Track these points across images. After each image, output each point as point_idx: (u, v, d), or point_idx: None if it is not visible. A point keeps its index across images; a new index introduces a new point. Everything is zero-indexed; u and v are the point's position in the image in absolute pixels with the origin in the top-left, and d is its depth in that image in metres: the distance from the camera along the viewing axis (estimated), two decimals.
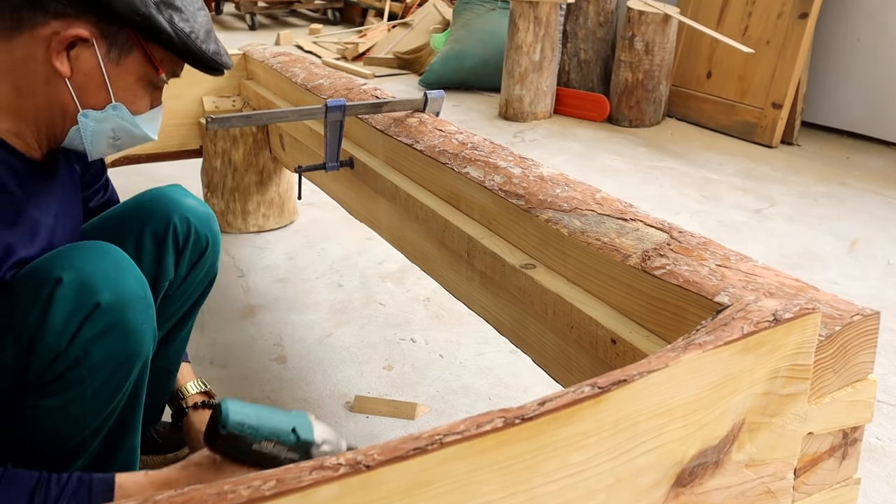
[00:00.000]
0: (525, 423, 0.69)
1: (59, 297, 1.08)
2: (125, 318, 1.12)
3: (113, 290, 1.11)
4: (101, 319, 1.10)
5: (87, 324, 1.09)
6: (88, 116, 1.18)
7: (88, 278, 1.10)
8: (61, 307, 1.08)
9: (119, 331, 1.12)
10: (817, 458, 0.94)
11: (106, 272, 1.12)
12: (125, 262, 1.16)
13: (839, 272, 2.71)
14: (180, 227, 1.44)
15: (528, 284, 1.30)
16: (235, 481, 0.62)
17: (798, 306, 0.86)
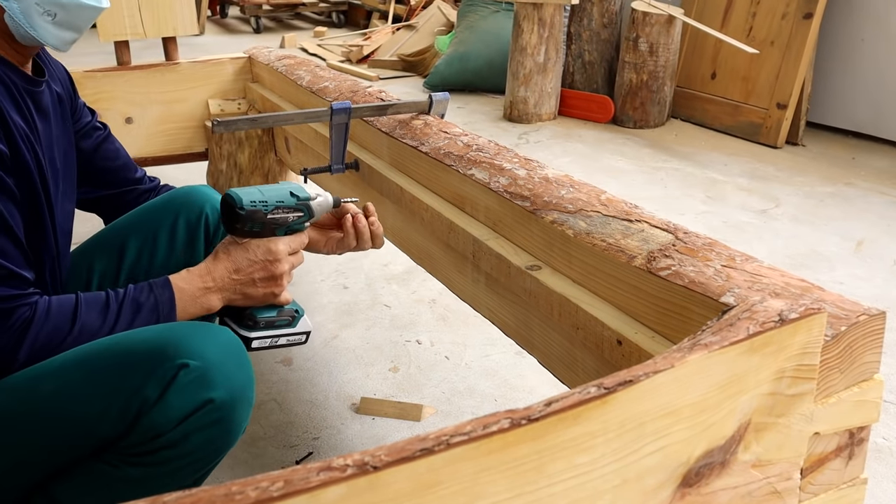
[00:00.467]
0: (531, 423, 0.69)
1: (179, 383, 1.09)
2: (231, 416, 1.13)
3: (228, 388, 1.11)
4: (211, 414, 1.11)
5: (197, 415, 1.10)
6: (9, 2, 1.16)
7: (210, 372, 1.10)
8: (179, 393, 1.09)
9: (222, 426, 1.13)
10: (824, 458, 0.94)
11: (226, 368, 1.12)
12: (244, 358, 1.17)
13: (845, 272, 2.71)
14: (212, 217, 1.49)
15: (533, 286, 1.30)
16: (243, 482, 0.62)
17: (804, 306, 0.86)
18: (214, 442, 1.13)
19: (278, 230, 1.32)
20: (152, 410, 1.08)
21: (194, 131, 2.75)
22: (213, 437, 1.12)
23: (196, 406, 1.09)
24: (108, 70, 2.59)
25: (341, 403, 1.94)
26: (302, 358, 2.13)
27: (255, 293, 1.30)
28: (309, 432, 1.83)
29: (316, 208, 1.37)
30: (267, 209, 1.29)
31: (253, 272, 1.28)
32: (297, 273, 2.61)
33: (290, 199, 1.32)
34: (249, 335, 1.33)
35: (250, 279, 1.28)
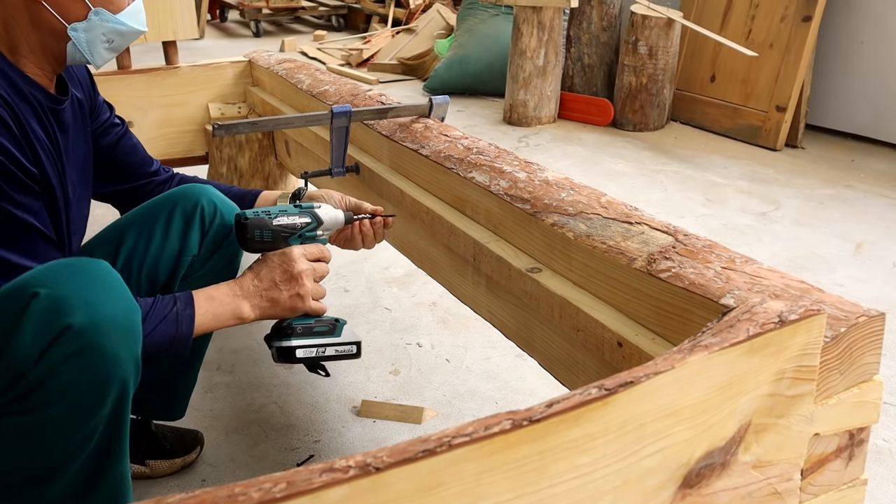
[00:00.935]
0: (533, 424, 0.69)
1: (31, 312, 1.04)
2: (97, 340, 1.06)
3: (88, 313, 1.06)
4: (72, 342, 1.05)
5: (56, 345, 1.04)
6: (78, 29, 1.27)
7: (64, 298, 1.05)
8: (32, 323, 1.04)
9: (90, 355, 1.06)
10: (824, 458, 0.94)
11: (85, 293, 1.07)
12: (113, 284, 1.12)
13: (845, 274, 2.71)
14: (207, 209, 1.53)
15: (534, 288, 1.30)
16: (246, 484, 0.63)
17: (803, 308, 0.86)
18: (88, 377, 1.07)
19: (291, 239, 1.39)
20: (10, 346, 1.04)
21: (195, 135, 2.76)
22: (85, 371, 1.06)
23: (53, 335, 1.04)
24: (108, 74, 2.59)
25: (342, 406, 1.94)
26: None
27: (281, 297, 1.34)
28: (310, 435, 1.83)
29: (324, 216, 1.43)
30: (271, 216, 1.38)
31: (273, 276, 1.34)
32: None
33: (293, 208, 1.41)
34: (291, 344, 1.37)
35: (272, 283, 1.34)
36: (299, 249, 1.38)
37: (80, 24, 1.27)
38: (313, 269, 1.38)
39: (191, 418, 1.87)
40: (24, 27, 1.24)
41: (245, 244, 1.39)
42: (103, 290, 1.09)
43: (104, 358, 1.08)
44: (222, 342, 2.22)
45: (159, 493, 1.64)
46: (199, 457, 1.75)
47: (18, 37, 1.24)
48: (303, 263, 1.36)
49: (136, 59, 2.85)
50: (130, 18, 1.33)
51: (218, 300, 1.30)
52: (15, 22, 1.23)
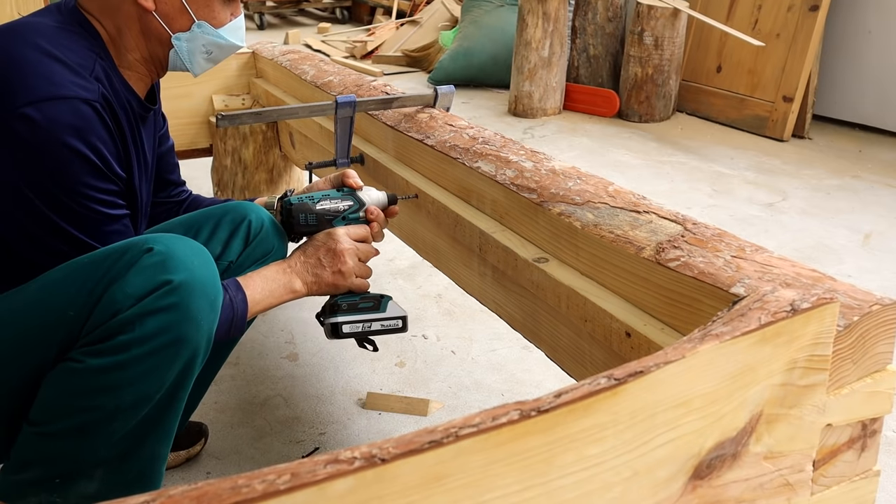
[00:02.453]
0: (541, 415, 0.68)
1: (142, 263, 1.14)
2: (189, 302, 1.16)
3: (189, 274, 1.16)
4: (168, 297, 1.14)
5: (154, 295, 1.14)
6: (181, 39, 1.36)
7: (173, 257, 1.16)
8: (140, 272, 1.14)
9: (179, 312, 1.15)
10: (836, 449, 0.93)
11: (189, 258, 1.18)
12: (209, 259, 1.23)
13: (853, 265, 2.70)
14: (255, 224, 1.56)
15: (540, 278, 1.29)
16: (250, 475, 0.62)
17: (816, 296, 0.85)
18: (171, 331, 1.15)
19: (335, 221, 1.46)
20: (113, 286, 1.13)
21: (198, 127, 2.75)
22: (170, 325, 1.15)
23: (155, 285, 1.14)
24: None
25: (347, 399, 1.93)
26: (308, 353, 2.13)
27: (324, 273, 1.41)
28: (315, 427, 1.83)
29: (366, 197, 1.50)
30: (314, 201, 1.46)
31: (318, 254, 1.42)
32: None
33: (336, 192, 1.49)
34: (337, 320, 1.43)
35: (317, 260, 1.41)
36: (343, 230, 1.44)
37: (184, 34, 1.36)
38: (356, 249, 1.44)
39: (196, 410, 1.87)
40: (135, 35, 1.34)
41: (291, 228, 1.47)
42: (201, 259, 1.20)
43: (189, 318, 1.17)
44: None
45: (163, 486, 1.63)
46: (204, 449, 1.74)
47: (129, 43, 1.34)
48: (346, 242, 1.42)
49: None
50: (230, 34, 1.42)
51: (270, 278, 1.38)
52: (128, 29, 1.33)
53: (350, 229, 1.46)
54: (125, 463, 1.23)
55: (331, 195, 1.48)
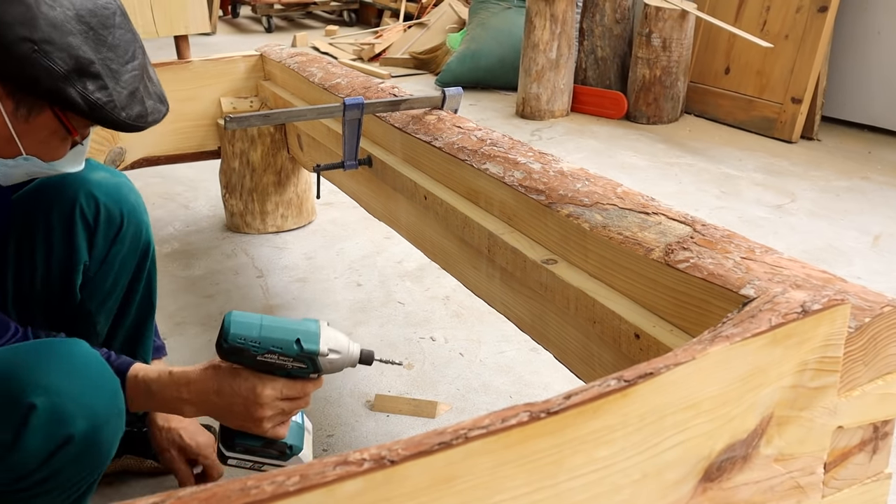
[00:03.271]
0: (551, 417, 0.68)
1: (32, 426, 1.03)
2: (98, 441, 1.08)
3: (87, 416, 1.06)
4: (76, 446, 1.06)
5: (61, 452, 1.05)
6: None
7: (63, 406, 1.04)
8: (35, 435, 1.03)
9: (92, 454, 1.09)
10: (847, 452, 0.92)
11: (80, 394, 1.06)
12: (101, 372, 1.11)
13: (863, 267, 2.68)
14: (87, 207, 1.40)
15: (549, 280, 1.29)
16: (259, 477, 0.61)
17: (827, 297, 0.84)
18: (87, 469, 1.10)
19: (275, 371, 1.18)
20: (10, 455, 1.03)
21: (206, 129, 2.75)
22: (85, 465, 1.09)
23: (58, 443, 1.05)
24: None
25: (355, 401, 1.93)
26: None
27: (232, 422, 1.21)
28: (323, 430, 1.83)
29: (326, 365, 1.18)
30: (257, 351, 1.15)
31: (233, 404, 1.18)
32: (309, 270, 2.61)
33: (293, 348, 1.15)
34: (224, 452, 1.24)
35: (229, 409, 1.19)
36: (274, 391, 1.17)
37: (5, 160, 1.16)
38: (282, 409, 1.20)
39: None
40: None
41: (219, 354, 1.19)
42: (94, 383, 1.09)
43: (102, 454, 1.10)
44: None
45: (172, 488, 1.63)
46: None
47: None
48: (269, 409, 1.18)
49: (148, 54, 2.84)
50: (65, 164, 1.22)
51: (158, 399, 1.21)
52: None
53: (286, 388, 1.18)
54: None
55: (283, 350, 1.15)
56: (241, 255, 2.74)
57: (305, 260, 2.71)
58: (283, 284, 2.53)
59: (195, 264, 2.68)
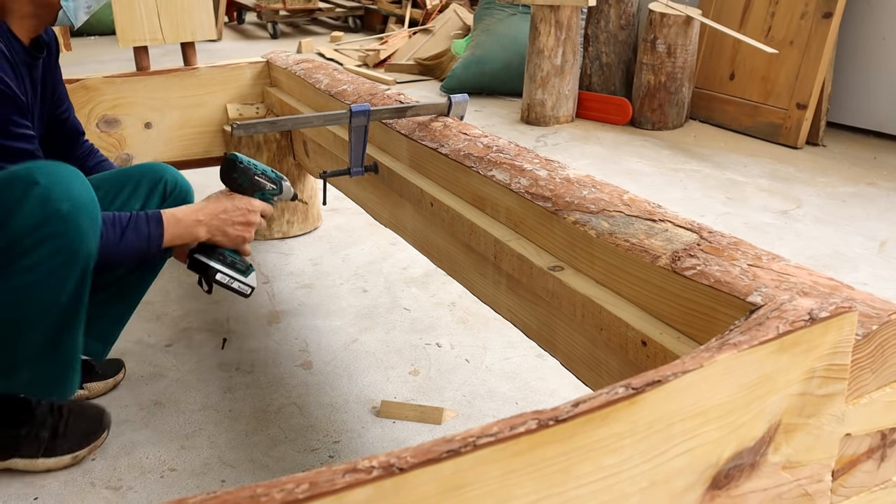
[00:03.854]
0: (559, 424, 0.68)
1: (32, 195, 1.37)
2: (76, 224, 1.40)
3: (71, 202, 1.39)
4: (58, 224, 1.38)
5: (47, 222, 1.38)
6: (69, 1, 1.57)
7: (56, 188, 1.38)
8: (31, 204, 1.37)
9: (68, 235, 1.40)
10: (855, 459, 0.92)
11: (70, 185, 1.40)
12: (84, 181, 1.45)
13: (869, 273, 2.68)
14: (170, 183, 1.85)
15: (556, 287, 1.29)
16: (268, 484, 0.62)
17: (834, 305, 0.84)
18: (63, 251, 1.41)
19: (256, 193, 1.72)
20: (11, 220, 1.37)
21: (213, 136, 2.76)
22: (62, 246, 1.40)
23: (46, 216, 1.37)
24: (127, 76, 2.60)
25: (361, 407, 1.94)
26: (322, 361, 2.13)
27: (232, 232, 1.67)
28: (329, 436, 1.83)
29: (285, 188, 1.78)
30: (256, 171, 1.72)
31: (235, 216, 1.67)
32: (315, 276, 2.61)
33: (272, 173, 1.76)
34: (216, 266, 1.69)
35: (231, 221, 1.67)
36: (259, 204, 1.71)
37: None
38: (260, 223, 1.72)
39: (209, 418, 1.87)
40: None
41: (225, 179, 1.71)
42: (80, 186, 1.42)
43: (77, 237, 1.41)
44: (241, 342, 2.22)
45: (178, 494, 1.63)
46: (217, 456, 1.75)
47: (11, 4, 1.53)
48: (258, 216, 1.70)
49: (154, 60, 2.86)
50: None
51: (183, 224, 1.62)
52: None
53: (264, 206, 1.72)
54: (49, 358, 1.52)
55: (267, 173, 1.74)
56: None
57: (311, 266, 2.71)
58: (289, 290, 2.54)
59: None
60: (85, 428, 1.75)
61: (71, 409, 1.76)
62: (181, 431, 1.84)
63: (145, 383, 2.03)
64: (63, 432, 1.71)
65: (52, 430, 1.70)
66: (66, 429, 1.72)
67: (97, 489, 1.66)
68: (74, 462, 1.71)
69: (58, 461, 1.69)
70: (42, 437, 1.69)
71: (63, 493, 1.64)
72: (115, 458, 1.75)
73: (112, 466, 1.72)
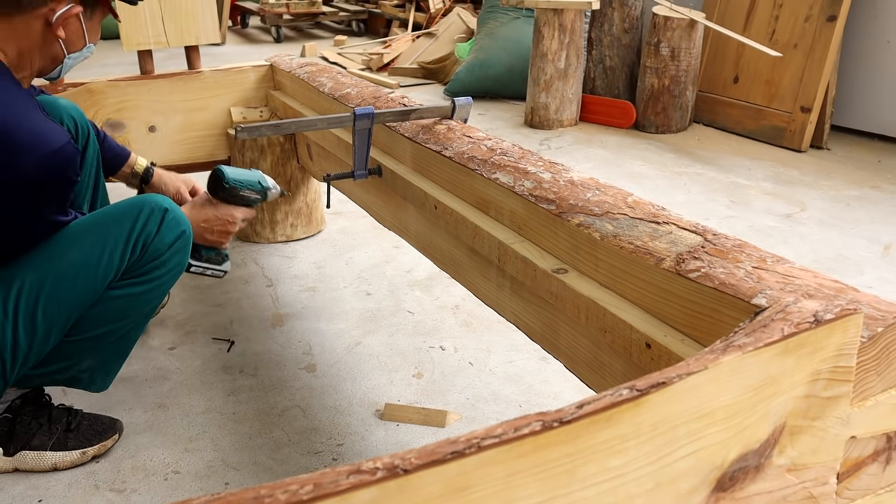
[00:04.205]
0: (563, 426, 0.68)
1: (168, 221, 1.64)
2: (190, 241, 1.70)
3: (187, 223, 1.69)
4: (185, 240, 1.68)
5: (178, 241, 1.66)
6: (71, 58, 1.65)
7: (178, 214, 1.67)
8: (169, 228, 1.64)
9: (186, 249, 1.70)
10: (860, 462, 0.92)
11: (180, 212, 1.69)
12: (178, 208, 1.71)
13: (874, 276, 2.67)
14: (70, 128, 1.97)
15: (560, 289, 1.29)
16: (272, 486, 0.62)
17: (839, 307, 0.84)
18: (182, 262, 1.70)
19: (244, 202, 1.87)
20: (153, 241, 1.63)
21: (217, 139, 2.76)
22: (182, 259, 1.70)
23: (178, 235, 1.66)
24: (131, 79, 2.60)
25: (365, 410, 1.93)
26: (325, 364, 2.13)
27: (210, 238, 1.84)
28: (333, 439, 1.83)
29: (270, 196, 1.91)
30: (241, 188, 1.84)
31: (216, 225, 1.84)
32: (319, 279, 2.61)
33: (258, 185, 1.87)
34: (191, 261, 1.85)
35: (211, 229, 1.83)
36: (241, 214, 1.86)
37: (76, 53, 1.64)
38: (240, 228, 1.88)
39: (213, 420, 1.87)
40: (34, 56, 1.57)
41: (212, 192, 1.84)
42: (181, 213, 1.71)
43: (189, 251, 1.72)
44: (245, 346, 2.22)
45: (182, 497, 1.63)
46: (221, 459, 1.75)
47: (25, 63, 1.57)
48: (236, 227, 1.86)
49: (158, 64, 2.87)
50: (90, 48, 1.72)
51: None
52: (28, 51, 1.56)
53: (245, 213, 1.87)
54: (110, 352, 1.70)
55: (253, 188, 1.86)
56: (250, 264, 2.75)
57: (315, 269, 2.71)
58: (292, 294, 2.54)
59: None
60: (97, 428, 1.80)
61: (85, 415, 1.81)
62: (185, 434, 1.84)
63: (149, 386, 2.03)
64: (76, 428, 1.77)
65: (66, 425, 1.76)
66: (79, 426, 1.77)
67: (101, 491, 1.66)
68: (83, 458, 1.74)
69: (66, 456, 1.73)
70: (55, 431, 1.74)
71: (67, 495, 1.64)
72: (120, 460, 1.75)
73: (116, 469, 1.73)
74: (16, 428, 1.72)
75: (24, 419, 1.74)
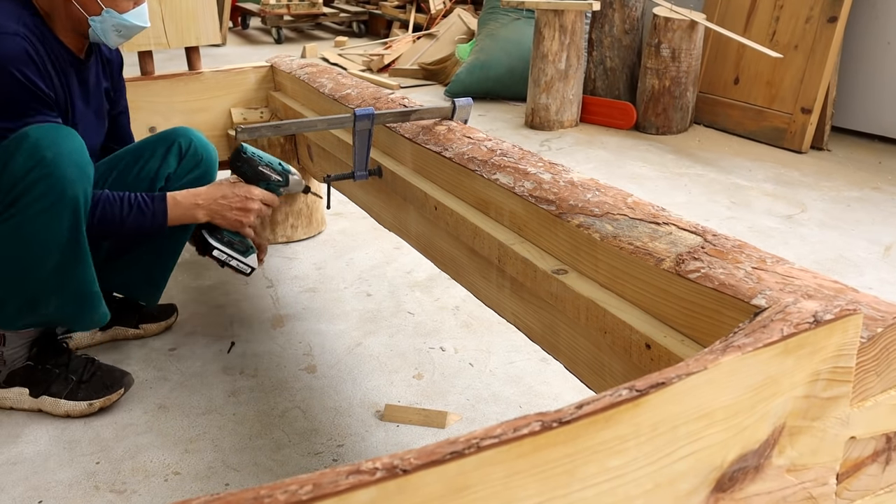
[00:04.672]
0: (563, 426, 0.68)
1: (24, 146, 1.63)
2: (59, 170, 1.63)
3: (54, 151, 1.63)
4: (44, 167, 1.63)
5: (36, 167, 1.62)
6: (95, 21, 1.80)
7: (42, 140, 1.63)
8: (23, 152, 1.63)
9: (53, 178, 1.63)
10: (860, 463, 0.92)
11: (56, 139, 1.65)
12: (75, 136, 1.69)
13: (874, 277, 2.67)
14: (184, 143, 2.06)
15: (560, 290, 1.29)
16: (272, 486, 0.62)
17: (839, 307, 0.84)
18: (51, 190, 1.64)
19: (261, 183, 1.89)
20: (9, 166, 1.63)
21: (217, 140, 2.76)
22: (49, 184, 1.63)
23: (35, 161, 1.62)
24: (132, 80, 2.60)
25: (365, 411, 1.93)
26: (325, 365, 2.13)
27: (230, 216, 1.87)
28: (333, 440, 1.83)
29: (292, 181, 1.93)
30: (260, 162, 1.89)
31: (234, 201, 1.87)
32: (319, 280, 2.61)
33: (278, 165, 1.92)
34: (214, 244, 1.88)
35: (230, 206, 1.87)
36: (260, 192, 1.89)
37: (97, 17, 1.80)
38: (261, 210, 1.90)
39: (213, 421, 1.87)
40: (62, 14, 1.78)
41: (232, 168, 1.89)
42: (68, 141, 1.66)
43: (62, 178, 1.64)
44: (245, 347, 2.22)
45: (182, 498, 1.63)
46: (221, 457, 1.75)
47: (58, 18, 1.79)
48: (257, 203, 1.89)
49: (159, 65, 2.86)
50: (134, 17, 1.85)
51: (182, 206, 1.85)
52: (57, 10, 1.78)
53: (264, 194, 1.90)
54: (64, 291, 1.76)
55: (273, 165, 1.90)
56: None
57: (315, 270, 2.71)
58: (293, 294, 2.54)
59: (205, 274, 2.69)
60: (106, 382, 1.92)
61: (101, 366, 1.96)
62: (185, 435, 1.84)
63: (149, 387, 2.03)
64: (88, 380, 1.91)
65: (80, 376, 1.91)
66: (91, 378, 1.91)
67: (101, 492, 1.66)
68: (90, 409, 1.89)
69: (75, 405, 1.89)
70: (70, 380, 1.90)
71: (68, 496, 1.64)
72: (120, 461, 1.75)
73: (116, 470, 1.73)
74: (38, 373, 1.90)
75: (45, 365, 1.91)
